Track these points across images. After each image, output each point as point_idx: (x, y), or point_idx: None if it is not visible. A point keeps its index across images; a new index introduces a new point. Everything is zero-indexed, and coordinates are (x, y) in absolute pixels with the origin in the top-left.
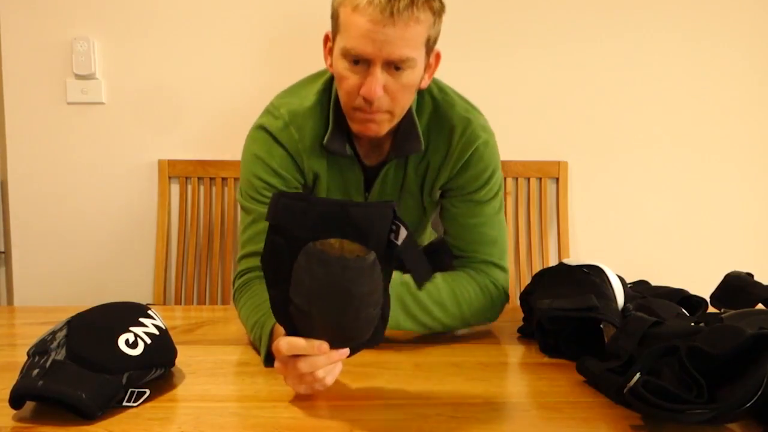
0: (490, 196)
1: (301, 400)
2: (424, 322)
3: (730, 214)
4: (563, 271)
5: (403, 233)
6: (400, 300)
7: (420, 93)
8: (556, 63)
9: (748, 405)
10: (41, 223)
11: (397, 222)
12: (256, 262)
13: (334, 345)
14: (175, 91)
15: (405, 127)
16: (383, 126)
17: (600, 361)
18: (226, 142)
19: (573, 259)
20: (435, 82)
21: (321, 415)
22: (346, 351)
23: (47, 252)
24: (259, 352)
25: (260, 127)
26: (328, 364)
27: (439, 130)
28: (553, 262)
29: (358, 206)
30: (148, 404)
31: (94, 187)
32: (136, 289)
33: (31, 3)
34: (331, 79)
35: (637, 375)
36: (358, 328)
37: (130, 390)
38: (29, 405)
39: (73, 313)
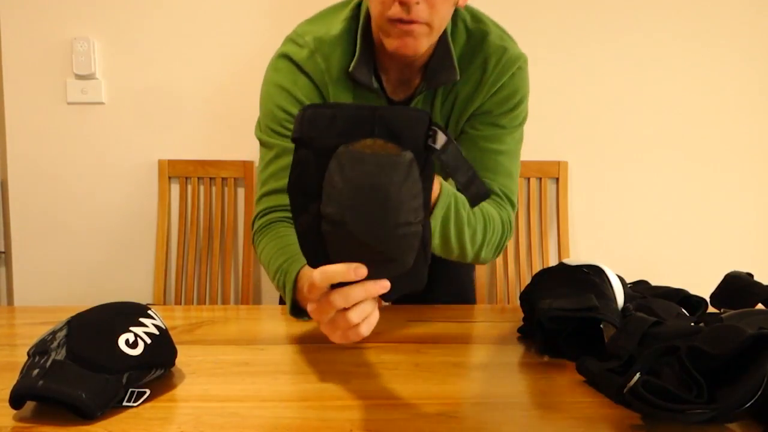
0: (514, 123)
1: (301, 400)
2: (451, 247)
3: (730, 214)
4: (563, 271)
5: (441, 138)
6: (445, 211)
7: (454, 20)
8: (557, 63)
9: (748, 405)
10: (41, 223)
11: (434, 127)
12: (278, 200)
13: (373, 272)
14: (175, 91)
15: (438, 55)
16: (421, 41)
17: (600, 361)
18: (226, 142)
19: (573, 259)
20: (469, 9)
21: (321, 415)
22: (386, 284)
23: (47, 252)
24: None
25: (283, 56)
26: (365, 297)
27: (471, 60)
28: (553, 262)
29: (390, 109)
30: (148, 404)
31: (94, 187)
32: (136, 289)
33: (31, 3)
34: (359, 5)
35: (637, 375)
36: (397, 245)
37: (130, 390)
38: (29, 405)
39: (73, 313)
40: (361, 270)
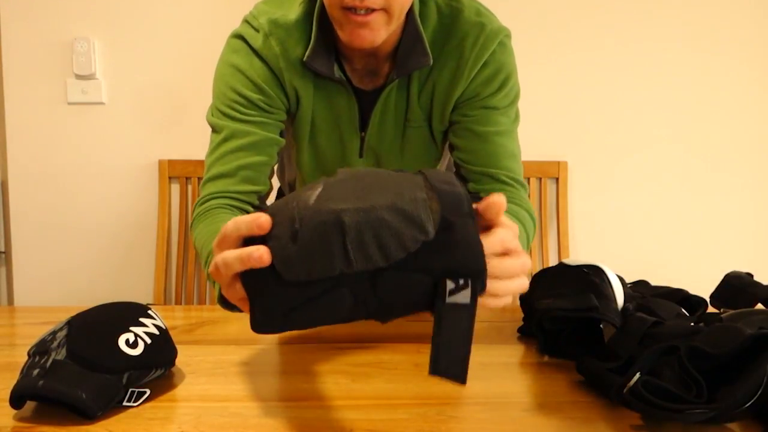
0: (505, 103)
1: (301, 400)
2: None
3: (730, 214)
4: (563, 271)
5: (464, 296)
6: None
7: (423, 1)
8: (557, 63)
9: (748, 405)
10: (41, 223)
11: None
12: (224, 185)
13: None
14: (175, 91)
15: (407, 40)
16: (378, 32)
17: (600, 361)
18: None
19: (573, 259)
20: None
21: (321, 415)
22: (260, 253)
23: (47, 252)
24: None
25: (239, 36)
26: (238, 262)
27: (445, 43)
28: (553, 262)
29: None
30: (148, 404)
31: (94, 187)
32: (136, 289)
33: (32, 3)
34: None
35: (637, 375)
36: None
37: (130, 390)
38: (29, 405)
39: (73, 313)
40: (263, 220)
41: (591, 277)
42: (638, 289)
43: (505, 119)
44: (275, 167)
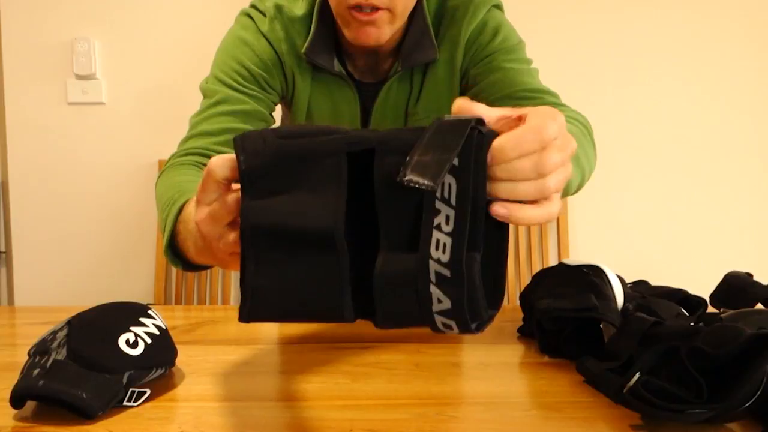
0: (505, 46)
1: (301, 400)
2: (582, 166)
3: (730, 214)
4: (563, 271)
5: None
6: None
7: None
8: (556, 63)
9: (748, 405)
10: (41, 223)
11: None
12: (205, 143)
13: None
14: (175, 91)
15: (415, 33)
16: (383, 30)
17: (600, 361)
18: None
19: (573, 259)
20: None
21: (321, 415)
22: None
23: (47, 252)
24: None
25: (248, 15)
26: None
27: (439, 28)
28: (553, 262)
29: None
30: (148, 404)
31: (94, 187)
32: (137, 289)
33: (32, 3)
34: None
35: (637, 375)
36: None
37: (130, 390)
38: (30, 405)
39: (74, 313)
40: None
41: (591, 277)
42: (638, 289)
43: (512, 56)
44: None
